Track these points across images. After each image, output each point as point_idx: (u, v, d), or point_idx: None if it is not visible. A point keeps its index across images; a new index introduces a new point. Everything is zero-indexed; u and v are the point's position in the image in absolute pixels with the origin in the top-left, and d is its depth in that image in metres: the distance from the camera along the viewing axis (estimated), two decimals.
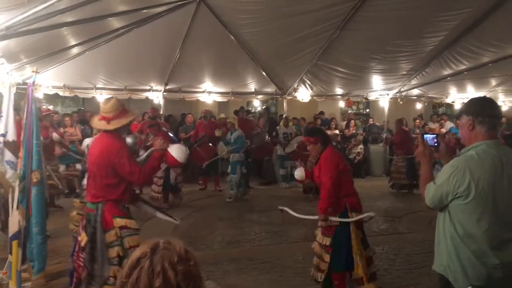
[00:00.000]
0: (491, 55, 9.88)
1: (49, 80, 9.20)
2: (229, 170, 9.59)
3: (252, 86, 11.41)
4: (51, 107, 13.09)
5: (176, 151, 4.23)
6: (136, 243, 3.85)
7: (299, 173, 4.82)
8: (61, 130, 10.36)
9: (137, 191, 7.65)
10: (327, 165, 4.34)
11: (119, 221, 3.90)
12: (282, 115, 12.75)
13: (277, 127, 11.98)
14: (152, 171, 4.18)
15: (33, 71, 5.28)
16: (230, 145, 9.42)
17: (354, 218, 4.31)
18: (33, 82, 5.08)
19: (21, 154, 4.79)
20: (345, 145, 12.79)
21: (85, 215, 4.08)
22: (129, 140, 7.88)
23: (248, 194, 9.78)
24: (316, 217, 4.43)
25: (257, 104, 13.84)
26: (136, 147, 8.41)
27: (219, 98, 11.79)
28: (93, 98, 10.33)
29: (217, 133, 9.81)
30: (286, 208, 4.92)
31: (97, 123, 4.07)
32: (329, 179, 4.26)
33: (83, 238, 3.97)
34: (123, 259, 3.81)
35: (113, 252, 3.86)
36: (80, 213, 4.30)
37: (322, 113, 14.22)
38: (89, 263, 3.89)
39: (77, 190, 9.25)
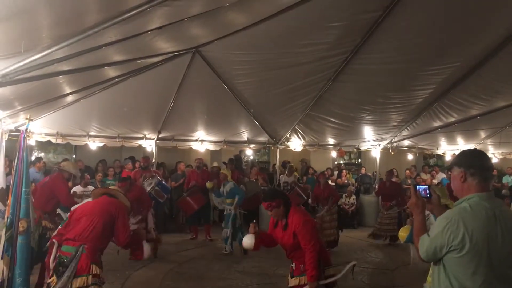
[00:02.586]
0: (479, 108, 10.11)
1: (42, 127, 9.19)
2: (223, 224, 9.27)
3: (245, 135, 11.48)
4: (42, 155, 13.08)
5: (146, 249, 4.86)
6: None
7: (248, 241, 4.38)
8: None
9: None
10: (305, 229, 4.12)
11: (94, 268, 4.17)
12: (286, 162, 12.72)
13: (280, 176, 11.95)
14: (133, 242, 4.73)
15: (26, 118, 5.30)
16: (224, 197, 9.24)
17: (343, 271, 4.19)
18: (26, 129, 5.08)
19: (9, 201, 4.72)
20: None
21: (57, 258, 4.24)
22: None
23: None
24: (339, 275, 4.22)
25: (249, 153, 13.87)
26: None
27: (212, 147, 11.82)
28: (85, 146, 10.30)
29: (209, 185, 9.63)
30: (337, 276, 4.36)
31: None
32: (314, 244, 4.07)
33: (53, 281, 4.14)
34: None
35: None
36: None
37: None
38: None
39: None
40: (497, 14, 6.39)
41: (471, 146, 13.03)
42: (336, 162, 16.10)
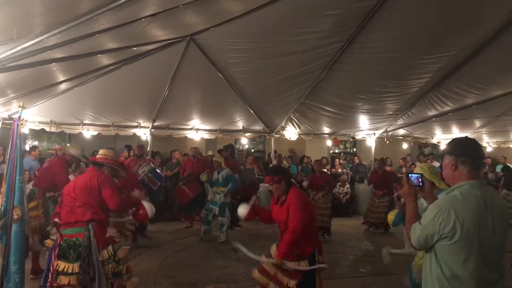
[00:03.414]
0: (474, 97, 10.12)
1: (35, 116, 9.15)
2: (216, 212, 9.14)
3: (240, 124, 11.47)
4: (36, 143, 13.04)
5: (148, 206, 4.88)
6: (125, 254, 4.61)
7: (241, 210, 4.62)
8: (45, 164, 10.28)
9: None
10: (298, 205, 4.21)
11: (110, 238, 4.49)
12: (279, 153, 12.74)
13: (270, 165, 11.98)
14: (126, 206, 5.01)
15: (19, 106, 5.25)
16: (219, 185, 9.24)
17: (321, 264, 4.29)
18: (19, 117, 5.05)
19: (3, 189, 4.70)
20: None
21: (60, 244, 4.36)
22: None
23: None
24: (268, 260, 4.31)
25: (244, 142, 13.87)
26: None
27: (207, 136, 11.81)
28: (79, 134, 10.27)
29: (203, 178, 9.57)
30: (239, 246, 4.67)
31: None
32: (300, 223, 4.13)
33: (65, 266, 4.26)
34: (116, 274, 4.41)
35: (107, 269, 4.34)
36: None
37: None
38: (89, 283, 4.22)
39: None
40: (493, 3, 6.38)
41: (466, 135, 13.06)
42: (331, 151, 16.12)
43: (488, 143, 14.94)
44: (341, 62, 7.97)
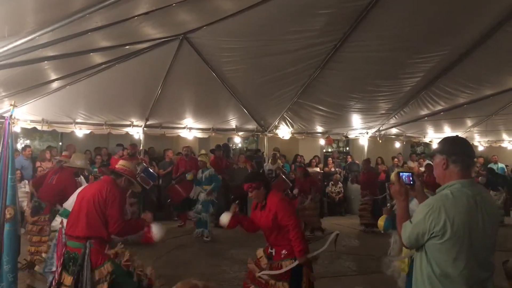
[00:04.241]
0: (466, 96, 10.20)
1: (27, 114, 9.08)
2: (199, 209, 9.28)
3: (233, 123, 11.47)
4: (28, 142, 12.96)
5: (157, 230, 4.59)
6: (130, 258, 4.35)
7: (223, 218, 4.54)
8: (37, 164, 10.23)
9: None
10: (285, 207, 4.23)
11: (110, 253, 4.25)
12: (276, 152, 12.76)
13: (264, 164, 11.99)
14: (129, 231, 4.61)
15: (11, 105, 5.21)
16: (202, 183, 9.31)
17: (326, 243, 4.30)
18: (11, 115, 5.01)
19: None
20: (325, 183, 12.88)
21: (64, 254, 4.19)
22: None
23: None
24: (294, 264, 4.23)
25: (238, 140, 13.86)
26: None
27: (200, 134, 11.79)
28: (72, 133, 10.21)
29: (189, 176, 9.62)
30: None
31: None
32: (294, 220, 4.18)
33: (65, 277, 4.11)
34: None
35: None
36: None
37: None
38: None
39: None
40: (485, 3, 6.43)
41: (458, 134, 13.14)
42: (324, 150, 16.15)
43: (480, 142, 15.04)
44: (334, 61, 8.00)
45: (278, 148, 13.96)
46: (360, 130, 12.97)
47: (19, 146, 11.71)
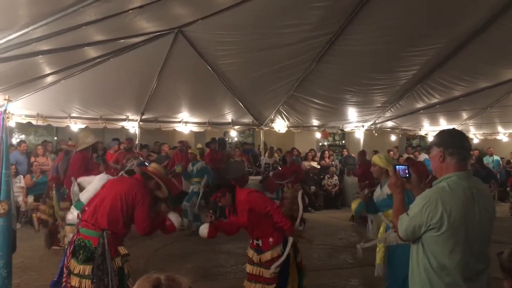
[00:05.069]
0: (462, 89, 10.22)
1: (21, 109, 9.04)
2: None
3: (229, 117, 11.46)
4: (23, 137, 12.91)
5: (175, 217, 4.54)
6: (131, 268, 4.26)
7: (202, 230, 4.53)
8: (32, 159, 10.19)
9: None
10: (256, 199, 4.34)
11: (121, 249, 4.20)
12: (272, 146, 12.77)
13: (261, 158, 11.98)
14: (154, 229, 4.47)
15: (5, 99, 5.19)
16: (193, 176, 9.30)
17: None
18: (5, 110, 4.98)
19: None
20: (321, 176, 12.90)
21: (75, 241, 4.13)
22: None
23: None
24: (290, 241, 4.37)
25: (234, 134, 13.85)
26: None
27: (196, 129, 11.78)
28: (67, 127, 10.17)
29: (178, 169, 9.58)
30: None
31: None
32: (270, 204, 4.31)
33: (75, 266, 4.06)
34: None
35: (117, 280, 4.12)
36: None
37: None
38: None
39: None
40: None
41: (453, 126, 13.17)
42: (320, 144, 16.16)
43: (475, 135, 15.10)
44: (330, 54, 8.00)
45: (265, 142, 13.91)
46: (356, 123, 12.99)
47: (14, 141, 11.67)
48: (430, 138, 14.65)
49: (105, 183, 4.51)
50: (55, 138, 13.28)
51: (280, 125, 12.04)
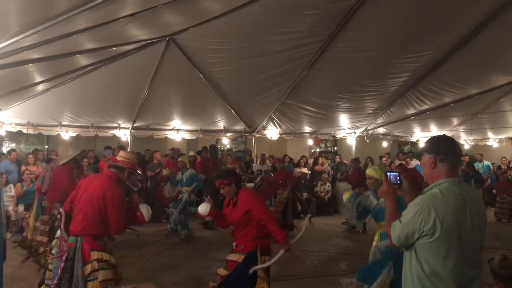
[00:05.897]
0: (452, 95, 10.30)
1: (12, 117, 8.96)
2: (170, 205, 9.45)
3: (221, 124, 11.44)
4: (13, 145, 12.80)
5: (145, 209, 4.52)
6: (106, 277, 4.02)
7: (203, 208, 4.52)
8: (23, 168, 10.11)
9: None
10: (257, 203, 4.38)
11: (96, 254, 4.07)
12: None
13: (253, 164, 11.98)
14: (128, 223, 4.48)
15: None
16: (183, 184, 9.31)
17: (301, 231, 4.47)
18: None
19: None
20: (314, 183, 12.91)
21: (66, 250, 4.22)
22: None
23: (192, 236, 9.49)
24: (281, 252, 4.34)
25: (226, 142, 13.84)
26: None
27: (188, 136, 11.75)
28: (58, 136, 10.10)
29: (165, 172, 9.56)
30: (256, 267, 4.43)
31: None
32: (268, 213, 4.34)
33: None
34: None
35: (90, 286, 4.00)
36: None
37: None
38: None
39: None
40: (469, 3, 6.50)
41: (444, 133, 13.26)
42: (312, 150, 16.19)
43: (466, 141, 15.20)
44: (321, 61, 8.03)
45: (261, 151, 13.94)
46: (347, 130, 13.03)
47: (5, 149, 11.57)
48: (421, 144, 14.72)
49: (79, 185, 4.49)
50: (46, 146, 13.18)
51: (272, 132, 12.05)
